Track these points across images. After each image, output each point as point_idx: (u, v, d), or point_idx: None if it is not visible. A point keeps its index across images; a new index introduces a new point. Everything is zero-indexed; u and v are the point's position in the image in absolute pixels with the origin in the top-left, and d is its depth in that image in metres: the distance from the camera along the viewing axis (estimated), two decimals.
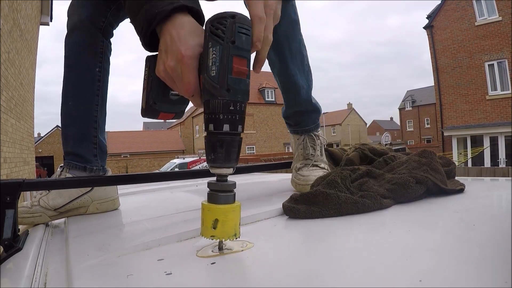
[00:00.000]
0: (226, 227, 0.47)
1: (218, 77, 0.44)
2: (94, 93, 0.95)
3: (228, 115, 0.44)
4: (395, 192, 0.73)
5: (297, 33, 1.01)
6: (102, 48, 0.95)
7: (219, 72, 0.43)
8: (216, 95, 0.44)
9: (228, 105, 0.44)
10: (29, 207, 0.84)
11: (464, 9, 12.42)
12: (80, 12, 0.92)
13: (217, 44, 0.44)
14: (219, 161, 0.46)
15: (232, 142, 0.45)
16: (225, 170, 0.47)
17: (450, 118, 13.05)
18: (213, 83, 0.44)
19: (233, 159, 0.46)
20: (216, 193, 0.47)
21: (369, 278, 0.39)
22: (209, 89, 0.44)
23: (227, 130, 0.44)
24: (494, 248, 0.46)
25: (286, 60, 0.98)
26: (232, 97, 0.44)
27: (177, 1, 0.50)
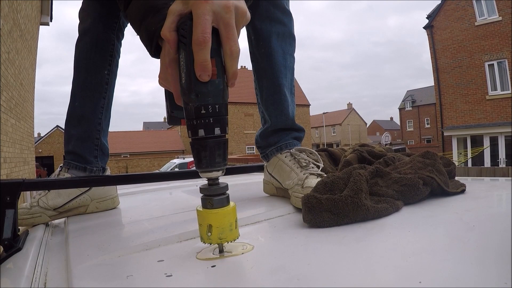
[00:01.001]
0: (220, 232, 0.47)
1: (186, 83, 0.43)
2: (101, 96, 0.96)
3: (201, 120, 0.43)
4: (404, 194, 0.72)
5: (293, 50, 0.99)
6: (113, 51, 0.96)
7: (186, 79, 0.43)
8: (187, 102, 0.43)
9: (199, 109, 0.43)
10: (28, 208, 0.84)
11: (464, 9, 12.42)
12: (93, 15, 0.93)
13: (183, 51, 0.43)
14: (202, 165, 0.45)
15: (213, 145, 0.44)
16: (211, 174, 0.46)
17: (450, 118, 13.05)
18: (184, 91, 0.43)
19: (218, 162, 0.45)
20: (207, 198, 0.47)
21: (369, 279, 0.39)
22: (183, 97, 0.44)
23: (202, 135, 0.43)
24: (494, 249, 0.46)
25: (279, 70, 0.94)
26: (202, 101, 0.42)
27: None
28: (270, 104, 0.96)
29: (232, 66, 0.44)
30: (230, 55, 0.43)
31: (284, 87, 0.95)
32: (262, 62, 0.95)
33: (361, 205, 0.62)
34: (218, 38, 0.43)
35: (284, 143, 0.95)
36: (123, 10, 0.59)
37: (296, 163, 0.88)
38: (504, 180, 1.10)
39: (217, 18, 0.42)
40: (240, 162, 7.71)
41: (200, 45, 0.41)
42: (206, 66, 0.41)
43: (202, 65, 0.41)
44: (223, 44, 0.43)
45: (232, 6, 0.43)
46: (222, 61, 0.43)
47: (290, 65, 0.97)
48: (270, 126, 0.97)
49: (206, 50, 0.41)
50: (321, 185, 0.68)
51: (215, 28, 0.42)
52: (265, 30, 0.93)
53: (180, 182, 1.43)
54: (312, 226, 0.62)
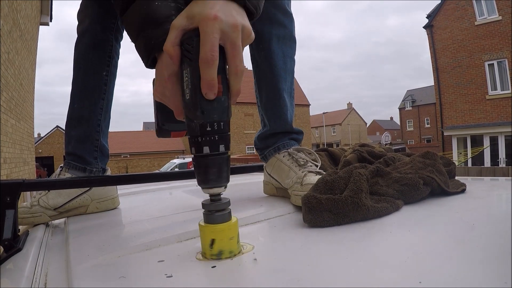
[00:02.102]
0: (222, 246, 0.47)
1: (191, 99, 0.43)
2: (100, 97, 0.96)
3: (206, 137, 0.43)
4: (404, 194, 0.72)
5: (293, 53, 0.98)
6: (111, 52, 0.96)
7: (192, 95, 0.42)
8: (192, 118, 0.43)
9: (204, 126, 0.43)
10: (28, 208, 0.84)
11: (464, 9, 12.42)
12: (91, 16, 0.93)
13: (188, 66, 0.43)
14: (205, 182, 0.45)
15: (216, 163, 0.44)
16: (215, 189, 0.46)
17: (450, 118, 13.05)
18: (189, 107, 0.43)
19: (222, 177, 0.45)
20: (209, 213, 0.47)
21: (369, 279, 0.39)
22: (186, 113, 0.44)
23: (207, 152, 0.43)
24: (494, 249, 0.46)
25: (279, 73, 0.93)
26: (207, 118, 0.42)
27: None
28: (269, 108, 0.96)
29: (236, 85, 0.44)
30: (235, 74, 0.43)
31: (284, 92, 0.95)
32: (262, 65, 0.95)
33: (361, 205, 0.62)
34: (223, 56, 0.43)
35: (282, 143, 0.95)
36: (119, 14, 0.57)
37: (294, 162, 0.88)
38: (504, 179, 1.10)
39: (224, 36, 0.42)
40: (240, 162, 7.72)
41: (208, 63, 0.41)
42: (213, 85, 0.41)
43: (210, 83, 0.41)
44: (229, 63, 0.43)
45: (239, 26, 0.43)
46: (227, 78, 0.44)
47: (290, 68, 0.97)
48: (269, 130, 0.97)
49: (213, 69, 0.41)
50: (321, 183, 0.68)
51: (221, 46, 0.43)
52: (266, 32, 0.93)
53: (180, 182, 1.43)
54: (312, 226, 0.62)
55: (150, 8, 0.52)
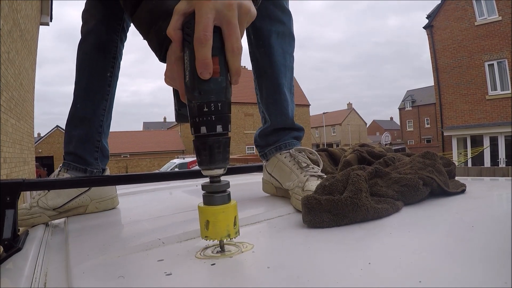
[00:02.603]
0: (217, 228, 0.47)
1: (190, 81, 0.43)
2: (103, 98, 0.95)
3: (203, 117, 0.43)
4: (404, 194, 0.72)
5: (292, 50, 0.98)
6: (116, 53, 0.96)
7: (190, 76, 0.43)
8: (190, 99, 0.44)
9: (201, 107, 0.43)
10: (28, 209, 0.84)
11: (464, 9, 12.42)
12: (97, 17, 0.92)
13: (187, 49, 0.44)
14: (204, 163, 0.46)
15: (214, 143, 0.45)
16: (213, 171, 0.46)
17: (450, 118, 13.05)
18: (188, 88, 0.44)
19: (218, 160, 0.45)
20: (207, 195, 0.47)
21: (369, 279, 0.39)
22: (186, 95, 0.45)
23: (204, 132, 0.44)
24: (494, 249, 0.46)
25: (279, 69, 0.93)
26: (204, 98, 0.43)
27: None
28: (270, 103, 0.96)
29: (234, 63, 0.44)
30: (232, 52, 0.43)
31: (284, 87, 0.95)
32: (262, 61, 0.95)
33: (361, 206, 0.62)
34: (221, 37, 0.43)
35: (283, 143, 0.95)
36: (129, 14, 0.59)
37: (296, 164, 0.88)
38: (504, 180, 1.10)
39: (219, 16, 0.42)
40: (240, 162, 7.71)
41: (201, 42, 0.41)
42: (207, 64, 0.42)
43: (203, 62, 0.42)
44: (225, 42, 0.43)
45: (234, 4, 0.43)
46: (225, 59, 0.44)
47: (290, 64, 0.97)
48: (270, 125, 0.97)
49: (207, 48, 0.41)
50: (320, 189, 0.68)
51: (219, 27, 0.43)
52: (265, 29, 0.93)
53: (180, 182, 1.43)
54: (312, 226, 0.62)
55: (159, 3, 0.53)
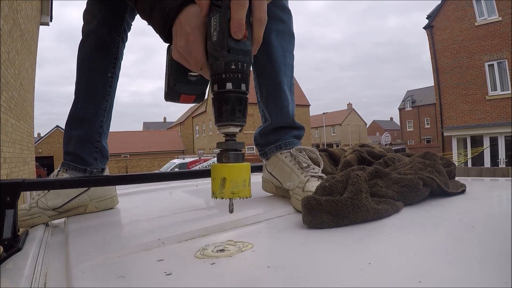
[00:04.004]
0: (234, 185, 0.47)
1: (219, 40, 0.47)
2: (104, 98, 0.95)
3: (230, 74, 0.47)
4: (404, 195, 0.72)
5: (292, 48, 0.98)
6: (117, 54, 0.96)
7: (219, 36, 0.47)
8: (218, 56, 0.47)
9: (229, 64, 0.47)
10: (27, 209, 0.84)
11: (464, 9, 12.42)
12: (98, 17, 0.92)
13: (216, 12, 0.48)
14: (224, 118, 0.47)
15: (237, 100, 0.47)
16: (231, 128, 0.48)
17: (450, 118, 13.05)
18: (215, 47, 0.47)
19: (239, 116, 0.48)
20: (223, 152, 0.48)
21: (369, 279, 0.39)
22: (212, 53, 0.48)
23: (230, 88, 0.47)
24: (493, 249, 0.46)
25: (279, 67, 0.93)
26: (233, 57, 0.47)
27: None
28: (270, 102, 0.95)
29: (258, 33, 0.50)
30: (259, 22, 0.49)
31: (284, 85, 0.94)
32: (262, 60, 0.94)
33: (361, 206, 0.62)
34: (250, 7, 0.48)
35: (283, 142, 0.94)
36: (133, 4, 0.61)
37: (297, 164, 0.88)
38: (504, 180, 1.10)
39: None
40: None
41: (240, 5, 0.46)
42: (242, 25, 0.46)
43: (239, 23, 0.46)
44: (254, 12, 0.49)
45: None
46: (251, 28, 0.49)
47: (290, 62, 0.97)
48: (270, 124, 0.96)
49: (243, 10, 0.47)
50: (320, 189, 0.68)
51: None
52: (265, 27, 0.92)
53: (180, 182, 1.43)
54: (312, 227, 0.62)
55: None
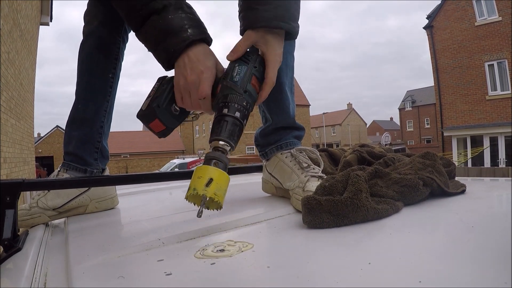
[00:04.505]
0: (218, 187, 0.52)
1: (240, 82, 0.60)
2: (105, 99, 0.95)
3: (240, 107, 0.58)
4: (404, 195, 0.72)
5: (293, 50, 0.98)
6: (118, 55, 0.96)
7: (241, 80, 0.60)
8: (236, 91, 0.59)
9: (243, 100, 0.59)
10: (27, 209, 0.84)
11: (464, 9, 12.42)
12: (99, 18, 0.92)
13: (243, 65, 0.62)
14: (225, 135, 0.56)
15: (238, 127, 0.58)
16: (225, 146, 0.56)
17: (450, 118, 13.05)
18: (235, 85, 0.60)
19: (234, 140, 0.57)
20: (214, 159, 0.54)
21: (369, 279, 0.39)
22: (231, 87, 0.60)
23: (237, 116, 0.58)
24: (494, 249, 0.46)
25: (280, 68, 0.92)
26: (247, 98, 0.60)
27: (187, 37, 0.62)
28: (271, 102, 0.95)
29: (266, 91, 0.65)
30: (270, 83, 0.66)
31: (285, 86, 0.95)
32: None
33: (361, 206, 0.62)
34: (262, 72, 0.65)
35: (284, 142, 0.95)
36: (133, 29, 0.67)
37: (297, 164, 0.88)
38: (504, 180, 1.10)
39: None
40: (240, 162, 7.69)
41: (272, 86, 0.65)
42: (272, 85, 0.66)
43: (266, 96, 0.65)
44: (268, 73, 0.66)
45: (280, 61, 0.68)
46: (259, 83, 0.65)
47: (290, 63, 0.97)
48: (271, 124, 0.96)
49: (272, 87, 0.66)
50: (320, 189, 0.68)
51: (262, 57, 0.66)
52: None
53: (180, 182, 1.43)
54: (312, 227, 0.62)
55: (165, 22, 0.63)
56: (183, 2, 0.67)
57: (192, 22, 0.65)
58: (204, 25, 0.68)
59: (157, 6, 0.63)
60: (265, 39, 0.65)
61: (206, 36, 0.66)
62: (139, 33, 0.66)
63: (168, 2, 0.64)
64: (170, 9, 0.64)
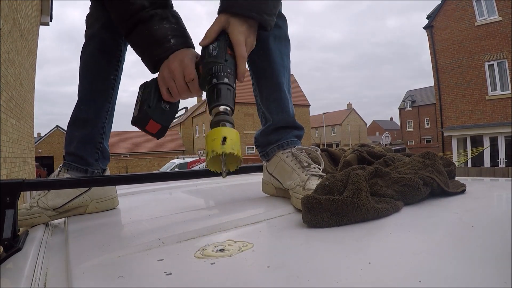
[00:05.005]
0: (234, 142, 0.56)
1: (218, 54, 0.64)
2: (106, 100, 0.96)
3: (227, 73, 0.62)
4: (404, 194, 0.72)
5: (289, 52, 1.00)
6: (119, 57, 0.96)
7: (218, 53, 0.65)
8: (217, 62, 0.63)
9: (226, 68, 0.63)
10: (28, 209, 0.84)
11: (464, 9, 12.41)
12: (102, 21, 0.92)
13: (215, 42, 0.66)
14: (222, 99, 0.60)
15: (231, 91, 0.62)
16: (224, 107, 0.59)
17: (450, 118, 13.04)
18: (215, 57, 0.64)
19: (232, 102, 0.61)
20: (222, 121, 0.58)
21: (369, 279, 0.39)
22: (212, 61, 0.63)
23: (227, 81, 0.61)
24: (493, 249, 0.46)
25: (278, 69, 0.95)
26: (229, 64, 0.64)
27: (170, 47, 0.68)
28: (271, 102, 0.96)
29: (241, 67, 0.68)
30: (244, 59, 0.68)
31: (284, 86, 0.96)
32: (261, 63, 0.96)
33: (361, 205, 0.62)
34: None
35: (285, 141, 0.95)
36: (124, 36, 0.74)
37: (298, 163, 0.88)
38: (504, 180, 1.10)
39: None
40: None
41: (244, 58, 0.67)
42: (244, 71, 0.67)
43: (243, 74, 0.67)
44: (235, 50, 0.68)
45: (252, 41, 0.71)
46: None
47: (287, 65, 0.99)
48: (272, 124, 0.97)
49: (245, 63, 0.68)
50: (320, 188, 0.68)
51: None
52: (262, 33, 0.93)
53: (180, 182, 1.43)
54: (312, 226, 0.62)
55: (150, 32, 0.69)
56: (169, 12, 0.72)
57: (175, 32, 0.71)
58: (187, 34, 0.74)
59: (144, 16, 0.69)
60: (231, 23, 0.67)
61: (188, 45, 0.71)
62: (128, 39, 0.73)
63: (154, 12, 0.69)
64: (155, 19, 0.69)
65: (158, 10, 0.70)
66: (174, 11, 0.74)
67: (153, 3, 0.70)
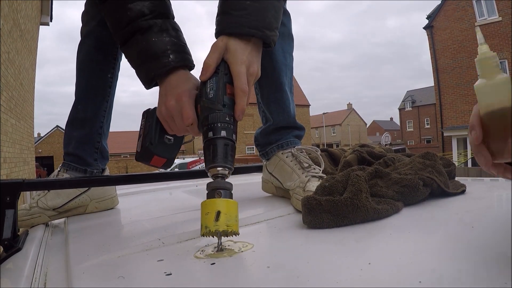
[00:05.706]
0: (228, 218, 0.49)
1: (216, 97, 0.55)
2: (104, 99, 0.95)
3: (224, 124, 0.53)
4: (404, 195, 0.72)
5: (292, 50, 0.99)
6: (116, 54, 0.95)
7: (216, 94, 0.55)
8: (214, 109, 0.54)
9: (224, 116, 0.54)
10: (27, 209, 0.84)
11: (464, 9, 12.43)
12: (98, 18, 0.91)
13: (214, 76, 0.56)
14: (218, 160, 0.52)
15: (229, 146, 0.53)
16: (222, 170, 0.52)
17: (450, 118, 13.05)
18: (212, 101, 0.55)
19: (230, 160, 0.53)
20: (215, 190, 0.51)
21: (369, 279, 0.39)
22: (209, 106, 0.55)
23: (224, 135, 0.53)
24: (493, 249, 0.46)
25: (280, 68, 0.93)
26: (227, 111, 0.54)
27: (168, 63, 0.61)
28: (272, 102, 0.95)
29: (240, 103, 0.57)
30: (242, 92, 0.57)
31: (285, 86, 0.95)
32: (263, 61, 0.94)
33: (361, 206, 0.62)
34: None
35: (285, 141, 0.95)
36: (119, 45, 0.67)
37: (298, 164, 0.88)
38: (504, 180, 1.10)
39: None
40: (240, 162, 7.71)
41: (244, 92, 0.56)
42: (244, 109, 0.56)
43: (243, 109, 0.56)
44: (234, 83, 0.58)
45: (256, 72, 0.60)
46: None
47: (290, 64, 0.97)
48: (272, 124, 0.96)
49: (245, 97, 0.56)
50: (320, 189, 0.68)
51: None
52: None
53: (180, 182, 1.43)
54: (312, 227, 0.62)
55: (148, 44, 0.62)
56: (169, 23, 0.65)
57: (175, 46, 0.63)
58: (187, 49, 0.66)
59: (142, 25, 0.62)
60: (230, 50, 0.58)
61: (188, 62, 0.64)
62: (123, 49, 0.66)
63: (153, 22, 0.62)
64: (154, 30, 0.62)
65: (158, 20, 0.63)
66: (175, 22, 0.67)
67: (153, 11, 0.63)
